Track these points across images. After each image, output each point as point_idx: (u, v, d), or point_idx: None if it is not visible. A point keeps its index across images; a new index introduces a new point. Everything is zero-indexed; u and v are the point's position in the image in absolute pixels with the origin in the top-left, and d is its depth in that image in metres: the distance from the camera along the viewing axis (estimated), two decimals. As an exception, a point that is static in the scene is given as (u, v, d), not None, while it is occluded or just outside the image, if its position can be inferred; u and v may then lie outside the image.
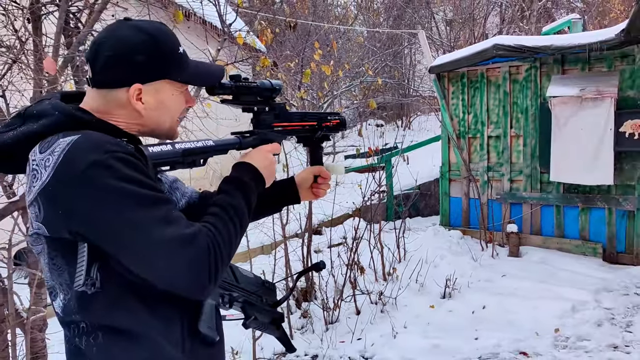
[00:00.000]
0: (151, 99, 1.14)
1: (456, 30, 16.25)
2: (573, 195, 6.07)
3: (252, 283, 1.48)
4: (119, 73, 1.10)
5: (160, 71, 1.14)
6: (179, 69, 1.16)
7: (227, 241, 1.09)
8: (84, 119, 1.09)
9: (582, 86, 5.62)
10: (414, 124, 16.30)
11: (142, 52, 1.10)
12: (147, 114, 1.15)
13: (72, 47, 2.27)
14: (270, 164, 1.30)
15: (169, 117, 1.19)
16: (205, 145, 1.23)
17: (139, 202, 1.00)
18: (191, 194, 1.46)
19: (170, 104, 1.18)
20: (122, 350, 1.07)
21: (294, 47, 10.04)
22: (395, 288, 4.74)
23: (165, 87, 1.16)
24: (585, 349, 3.70)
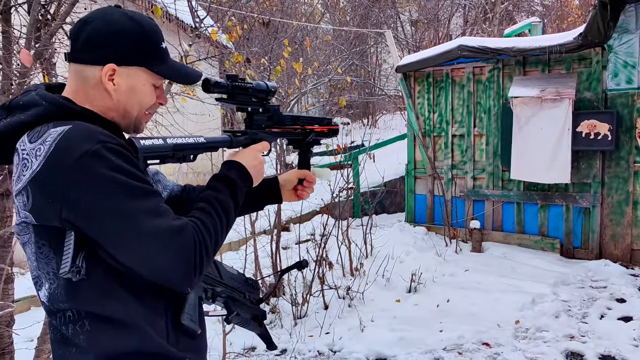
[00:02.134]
0: (123, 82, 1.15)
1: (421, 30, 16.51)
2: (533, 192, 6.29)
3: (236, 279, 1.50)
4: (98, 51, 1.13)
5: (138, 58, 1.16)
6: (157, 61, 1.19)
7: (213, 236, 1.11)
8: (73, 109, 1.11)
9: (542, 87, 5.83)
10: (380, 122, 16.50)
11: (125, 36, 1.14)
12: (116, 97, 1.16)
13: (43, 40, 2.24)
14: (259, 164, 1.32)
15: (137, 106, 1.19)
16: (196, 142, 1.25)
17: (130, 193, 1.02)
18: (172, 187, 1.48)
19: (140, 92, 1.18)
20: (110, 338, 1.08)
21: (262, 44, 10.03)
22: (363, 283, 4.82)
23: (140, 75, 1.17)
24: (544, 339, 3.86)
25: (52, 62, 2.88)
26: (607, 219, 5.91)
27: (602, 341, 3.79)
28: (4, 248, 2.43)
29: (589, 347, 3.68)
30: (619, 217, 5.84)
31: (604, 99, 5.84)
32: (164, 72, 1.21)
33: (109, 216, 1.01)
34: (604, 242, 5.94)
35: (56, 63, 2.96)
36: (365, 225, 5.87)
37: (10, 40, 2.28)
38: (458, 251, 6.21)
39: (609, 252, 5.88)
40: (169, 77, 1.23)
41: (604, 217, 5.93)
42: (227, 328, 3.52)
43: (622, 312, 4.35)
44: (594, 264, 5.60)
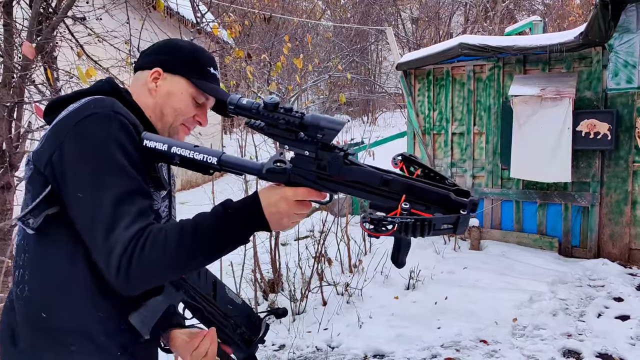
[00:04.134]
0: (164, 85, 1.28)
1: (422, 28, 16.50)
2: (532, 191, 6.30)
3: (235, 307, 1.35)
4: (152, 56, 1.31)
5: (182, 68, 1.29)
6: (200, 78, 1.30)
7: (168, 251, 1.02)
8: (119, 89, 1.24)
9: (542, 86, 5.83)
10: (380, 120, 16.50)
11: (178, 49, 1.31)
12: (156, 97, 1.28)
13: (45, 34, 2.25)
14: (280, 213, 1.07)
15: (172, 112, 1.28)
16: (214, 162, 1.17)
17: (112, 166, 1.05)
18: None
19: (176, 99, 1.28)
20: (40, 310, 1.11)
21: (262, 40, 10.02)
22: (361, 280, 4.83)
23: (180, 83, 1.29)
24: (541, 337, 3.87)
25: (54, 56, 2.88)
26: (606, 218, 5.93)
27: (599, 340, 3.80)
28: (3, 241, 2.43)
29: (586, 346, 3.69)
30: (618, 217, 5.86)
31: (604, 99, 5.84)
32: (202, 86, 1.30)
33: (81, 177, 1.04)
34: (602, 241, 5.96)
35: (57, 56, 2.96)
36: (364, 222, 5.86)
37: (12, 33, 2.28)
38: (457, 249, 6.22)
39: (607, 251, 5.89)
40: (202, 88, 1.30)
41: (602, 216, 5.94)
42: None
43: (620, 311, 4.37)
44: (592, 263, 5.62)
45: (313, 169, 1.07)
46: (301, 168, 1.07)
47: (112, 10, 3.29)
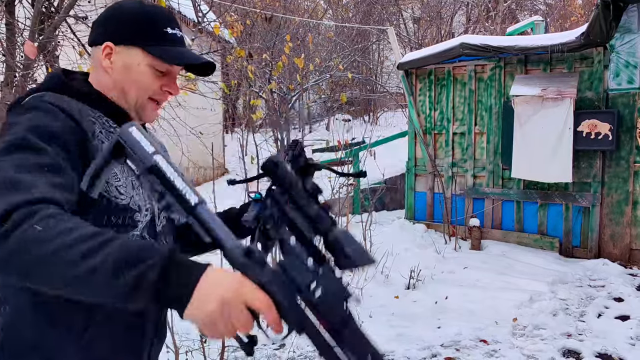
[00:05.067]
0: (119, 60, 1.16)
1: (423, 28, 16.50)
2: (532, 191, 6.30)
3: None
4: (100, 31, 1.18)
5: (134, 37, 1.15)
6: (157, 43, 1.16)
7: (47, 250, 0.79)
8: (63, 82, 1.14)
9: (543, 86, 5.84)
10: (381, 119, 16.50)
11: (126, 16, 1.17)
12: (113, 75, 1.16)
13: (47, 33, 2.26)
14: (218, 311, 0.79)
15: (134, 87, 1.16)
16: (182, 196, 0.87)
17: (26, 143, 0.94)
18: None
19: (135, 72, 1.15)
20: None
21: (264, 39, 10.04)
22: (362, 279, 4.84)
23: (136, 54, 1.15)
24: (541, 337, 3.88)
25: (56, 55, 2.89)
26: (607, 218, 5.93)
27: (599, 340, 3.81)
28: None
29: (585, 346, 3.69)
30: (619, 217, 5.86)
31: (605, 99, 5.84)
32: (156, 51, 1.15)
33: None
34: (603, 241, 5.96)
35: (59, 55, 2.97)
36: (365, 222, 5.88)
37: (14, 32, 2.30)
38: (457, 249, 6.22)
39: (607, 252, 5.89)
40: (159, 56, 1.16)
41: (603, 216, 5.94)
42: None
43: (620, 311, 4.37)
44: (593, 263, 5.62)
45: (302, 289, 0.82)
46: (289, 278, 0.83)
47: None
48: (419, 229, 6.76)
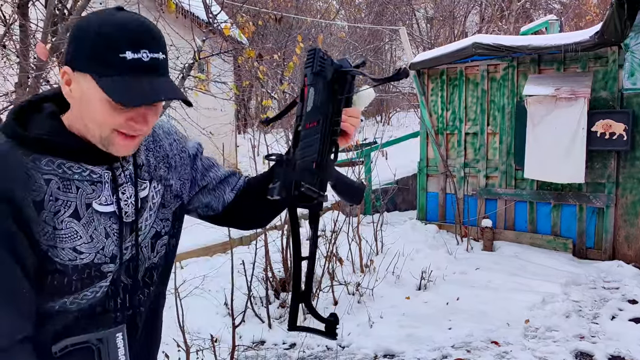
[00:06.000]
0: (77, 89, 1.00)
1: (436, 27, 16.43)
2: (546, 192, 6.25)
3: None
4: (65, 50, 1.03)
5: (87, 62, 0.98)
6: (108, 72, 0.96)
7: None
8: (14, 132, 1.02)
9: (557, 86, 5.78)
10: (393, 119, 16.47)
11: (83, 33, 0.99)
12: (74, 104, 1.03)
13: (59, 35, 2.29)
14: None
15: (94, 123, 1.01)
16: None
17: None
18: (236, 184, 1.36)
19: (92, 105, 0.99)
20: None
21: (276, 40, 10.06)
22: (372, 280, 4.83)
23: (90, 85, 0.98)
24: (554, 339, 3.84)
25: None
26: (621, 219, 5.85)
27: (612, 342, 3.76)
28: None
29: (598, 348, 3.65)
30: (633, 218, 5.78)
31: (619, 99, 5.77)
32: (105, 85, 0.96)
33: None
34: (617, 242, 5.88)
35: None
36: (376, 222, 5.87)
37: (27, 34, 2.33)
38: (469, 249, 6.19)
39: (622, 253, 5.82)
40: (106, 91, 0.96)
41: (617, 217, 5.87)
42: (237, 321, 3.56)
43: (634, 313, 4.32)
44: (607, 265, 5.55)
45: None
46: None
47: (127, 11, 3.31)
48: (431, 230, 6.74)
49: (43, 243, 0.99)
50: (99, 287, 1.07)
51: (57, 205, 1.01)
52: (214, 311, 4.40)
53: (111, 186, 1.08)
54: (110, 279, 1.08)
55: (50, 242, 1.00)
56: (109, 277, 1.08)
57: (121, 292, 1.11)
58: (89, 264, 1.04)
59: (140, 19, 1.02)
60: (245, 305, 4.01)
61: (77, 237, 1.03)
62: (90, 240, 1.05)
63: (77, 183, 1.04)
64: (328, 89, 1.16)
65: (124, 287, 1.12)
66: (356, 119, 1.23)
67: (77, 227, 1.03)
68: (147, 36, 0.99)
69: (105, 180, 1.08)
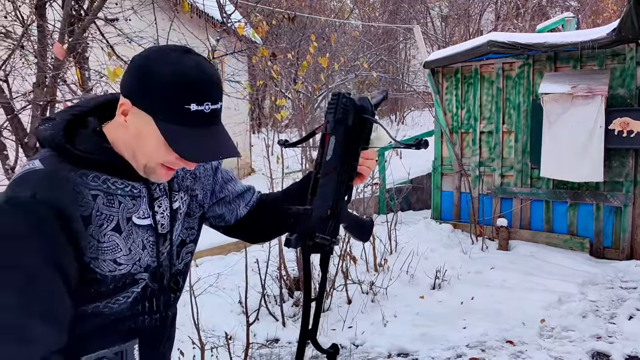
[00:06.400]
0: (133, 122, 1.03)
1: (451, 26, 16.34)
2: (562, 191, 6.18)
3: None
4: (126, 80, 1.04)
5: (150, 103, 1.01)
6: (170, 120, 1.00)
7: None
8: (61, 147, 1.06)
9: (573, 84, 5.72)
10: (408, 119, 16.41)
11: (150, 76, 1.00)
12: (125, 133, 1.06)
13: (76, 35, 2.32)
14: None
15: (144, 157, 1.06)
16: None
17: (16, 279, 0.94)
18: (250, 200, 1.42)
19: (146, 142, 1.03)
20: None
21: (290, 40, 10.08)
22: (386, 279, 4.82)
23: (149, 124, 1.01)
24: (570, 339, 3.80)
25: (85, 57, 2.97)
26: (639, 218, 5.77)
27: (630, 342, 3.71)
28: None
29: (615, 348, 3.61)
30: (652, 217, 5.70)
31: (637, 96, 5.69)
32: (166, 131, 1.00)
33: None
34: (635, 242, 5.80)
35: (89, 57, 3.05)
36: (390, 222, 5.86)
37: (45, 34, 2.37)
38: (484, 249, 6.15)
39: (640, 253, 5.74)
40: (168, 141, 1.00)
41: (635, 216, 5.79)
42: (251, 319, 3.58)
43: (652, 313, 4.26)
44: (625, 265, 5.48)
45: None
46: None
47: (142, 12, 3.37)
48: (445, 229, 6.71)
49: (87, 255, 1.04)
50: (130, 292, 1.12)
51: (101, 220, 1.06)
52: (228, 309, 4.43)
53: (148, 200, 1.14)
54: (140, 288, 1.14)
55: (93, 254, 1.05)
56: (140, 283, 1.14)
57: (148, 297, 1.16)
58: (126, 274, 1.10)
59: (207, 70, 1.04)
60: (259, 304, 4.03)
61: (117, 249, 1.08)
62: (129, 252, 1.10)
63: (120, 198, 1.09)
64: (348, 135, 1.20)
65: (151, 291, 1.17)
66: (372, 161, 1.27)
67: (118, 240, 1.08)
68: (211, 89, 1.03)
69: (143, 195, 1.13)
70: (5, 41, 2.74)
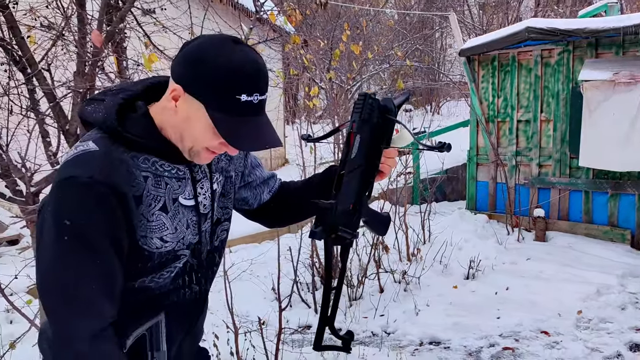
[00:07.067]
0: (183, 107, 1.09)
1: (489, 14, 16.00)
2: (602, 181, 6.01)
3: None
4: (178, 68, 1.09)
5: (202, 92, 1.06)
6: (221, 108, 1.06)
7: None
8: (113, 129, 1.11)
9: (615, 70, 5.54)
10: (444, 109, 16.21)
11: (206, 66, 1.05)
12: (175, 119, 1.11)
13: (114, 24, 2.39)
14: None
15: (191, 140, 1.12)
16: None
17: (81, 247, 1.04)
18: (273, 187, 1.48)
19: (195, 127, 1.09)
20: None
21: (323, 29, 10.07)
22: (419, 268, 4.81)
23: (199, 110, 1.07)
24: (607, 330, 3.72)
25: (123, 46, 3.05)
26: (685, 210, 5.57)
27: (671, 335, 3.61)
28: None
29: (655, 340, 3.51)
30: (698, 209, 5.49)
31: (684, 82, 5.47)
32: (217, 119, 1.06)
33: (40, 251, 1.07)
34: (680, 234, 5.61)
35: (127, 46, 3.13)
36: (424, 212, 5.82)
37: (84, 23, 2.45)
38: (520, 240, 6.04)
39: (685, 245, 5.55)
40: (217, 126, 1.07)
41: (680, 207, 5.59)
42: (283, 304, 3.63)
43: (696, 307, 4.12)
44: (668, 257, 5.30)
45: None
46: None
47: (178, 2, 3.44)
48: (480, 220, 6.61)
49: (138, 233, 1.11)
50: (173, 267, 1.20)
51: (150, 200, 1.13)
52: (261, 296, 4.50)
53: (191, 182, 1.20)
54: (182, 263, 1.21)
55: (143, 232, 1.12)
56: (182, 259, 1.21)
57: (188, 271, 1.24)
58: (170, 251, 1.17)
59: (257, 61, 1.10)
60: (291, 290, 4.08)
61: (164, 228, 1.15)
62: (175, 231, 1.17)
63: (167, 180, 1.16)
64: (373, 134, 1.27)
65: (191, 266, 1.24)
66: (393, 160, 1.35)
67: (164, 219, 1.15)
68: (260, 80, 1.09)
69: (187, 177, 1.20)
70: (48, 32, 2.84)
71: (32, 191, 2.48)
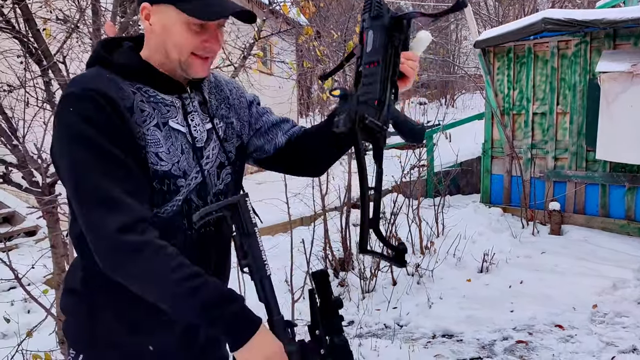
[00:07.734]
0: (157, 21, 1.16)
1: (505, 5, 15.79)
2: (620, 174, 5.93)
3: None
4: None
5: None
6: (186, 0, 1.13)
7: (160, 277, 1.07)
8: (102, 57, 1.20)
9: (634, 62, 5.44)
10: (458, 102, 16.07)
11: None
12: (155, 37, 1.18)
13: (127, 15, 2.40)
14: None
15: (175, 48, 1.16)
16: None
17: (89, 146, 1.09)
18: (289, 130, 1.46)
19: (172, 32, 1.15)
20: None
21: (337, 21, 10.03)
22: (432, 261, 4.79)
23: (171, 14, 1.14)
24: (623, 325, 3.67)
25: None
26: None
27: (689, 330, 3.56)
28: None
29: (673, 336, 3.47)
30: None
31: None
32: (187, 8, 1.13)
33: (65, 165, 1.12)
34: (699, 228, 5.51)
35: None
36: (437, 205, 5.79)
37: (98, 15, 2.46)
38: (535, 233, 5.99)
39: None
40: (191, 13, 1.13)
41: (700, 201, 5.49)
42: (296, 296, 3.64)
43: None
44: (687, 252, 5.22)
45: None
46: None
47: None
48: (495, 213, 6.57)
49: (139, 142, 1.15)
50: (175, 201, 1.21)
51: (143, 116, 1.17)
52: (275, 287, 4.51)
53: (182, 111, 1.24)
54: (183, 197, 1.22)
55: (142, 142, 1.16)
56: (182, 192, 1.22)
57: (193, 211, 1.22)
58: (168, 174, 1.19)
59: None
60: (304, 282, 4.09)
61: (159, 144, 1.19)
62: (168, 152, 1.20)
63: (154, 105, 1.19)
64: (386, 31, 1.19)
65: (196, 207, 1.25)
66: (414, 62, 1.26)
67: (159, 136, 1.19)
68: None
69: (178, 106, 1.23)
70: (63, 25, 2.87)
71: (48, 182, 2.51)
